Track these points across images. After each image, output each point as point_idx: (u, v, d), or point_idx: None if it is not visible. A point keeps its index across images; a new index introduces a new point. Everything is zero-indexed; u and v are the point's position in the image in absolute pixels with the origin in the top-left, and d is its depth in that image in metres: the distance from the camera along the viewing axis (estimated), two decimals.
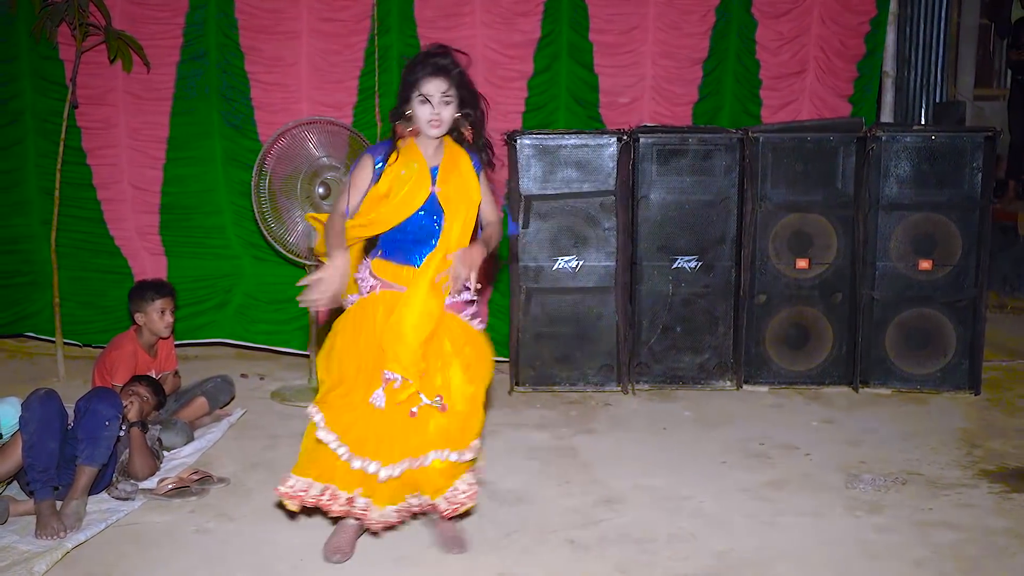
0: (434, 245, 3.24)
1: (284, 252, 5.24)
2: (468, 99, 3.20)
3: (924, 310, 5.35)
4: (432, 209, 3.23)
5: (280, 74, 5.67)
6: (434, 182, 3.21)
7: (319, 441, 3.18)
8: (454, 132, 3.26)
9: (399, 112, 3.20)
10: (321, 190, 5.13)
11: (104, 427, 3.62)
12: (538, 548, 3.42)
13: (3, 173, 5.75)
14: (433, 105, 3.12)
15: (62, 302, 5.55)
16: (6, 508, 3.50)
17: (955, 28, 6.93)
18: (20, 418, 3.59)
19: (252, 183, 5.09)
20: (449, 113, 3.15)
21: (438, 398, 3.15)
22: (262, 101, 5.68)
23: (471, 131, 3.27)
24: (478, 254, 3.25)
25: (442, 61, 3.14)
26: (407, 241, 3.25)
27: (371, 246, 3.39)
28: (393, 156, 3.20)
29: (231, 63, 5.64)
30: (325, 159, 5.13)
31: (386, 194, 3.18)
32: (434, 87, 3.11)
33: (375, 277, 3.27)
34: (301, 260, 5.22)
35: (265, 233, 5.19)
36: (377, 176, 3.21)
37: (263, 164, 5.07)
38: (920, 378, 5.39)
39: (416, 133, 3.21)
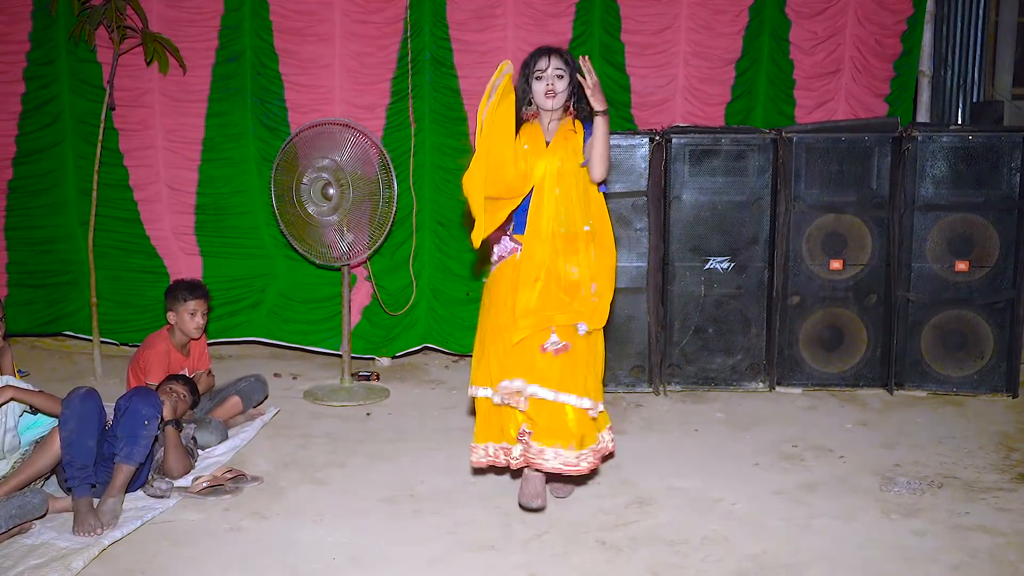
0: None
1: (300, 251, 5.39)
2: (575, 76, 3.55)
3: (961, 312, 5.29)
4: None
5: (313, 76, 5.71)
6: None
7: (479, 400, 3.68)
8: (572, 108, 3.63)
9: (522, 98, 3.61)
10: (332, 191, 5.17)
11: (143, 426, 3.66)
12: (569, 549, 3.41)
13: (42, 174, 5.84)
14: (545, 78, 3.54)
15: (99, 301, 5.63)
16: (45, 502, 3.55)
17: (993, 27, 6.83)
18: (61, 416, 3.64)
19: (271, 179, 5.27)
20: (563, 86, 3.56)
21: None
22: (295, 102, 5.72)
23: (573, 111, 3.64)
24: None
25: (551, 47, 3.62)
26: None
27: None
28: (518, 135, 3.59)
29: (265, 65, 5.69)
30: (318, 159, 5.18)
31: (513, 163, 3.53)
32: (545, 63, 3.55)
33: (514, 241, 3.70)
34: (311, 257, 5.34)
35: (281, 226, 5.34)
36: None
37: (279, 162, 5.24)
38: (956, 380, 5.33)
39: (536, 115, 3.66)
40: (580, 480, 3.90)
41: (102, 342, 5.69)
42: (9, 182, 5.83)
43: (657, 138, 5.26)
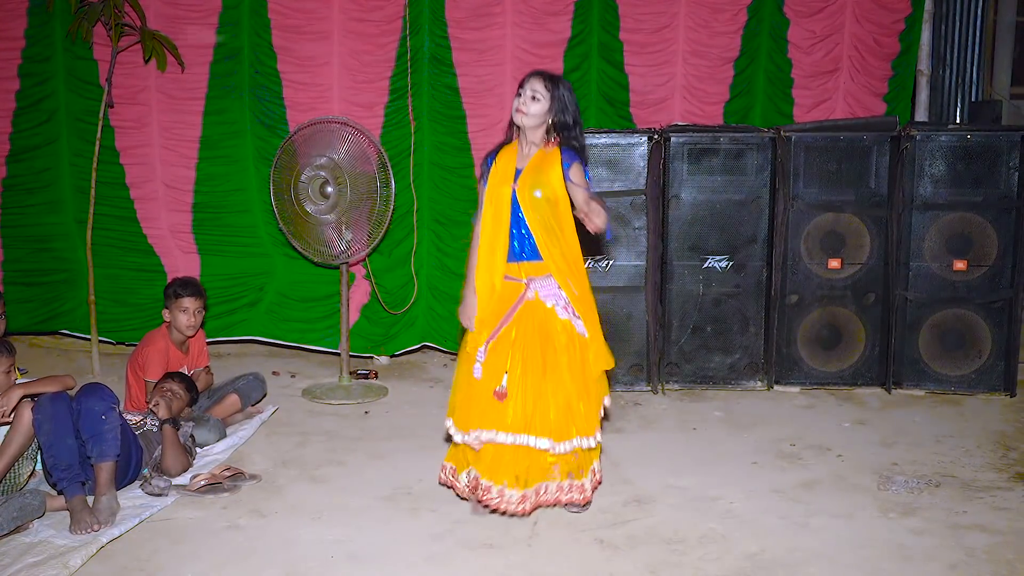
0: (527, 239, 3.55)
1: (300, 250, 5.41)
2: (562, 108, 3.49)
3: (959, 311, 5.29)
4: (516, 208, 3.53)
5: (312, 74, 5.70)
6: (516, 180, 3.52)
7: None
8: (553, 135, 3.54)
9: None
10: (330, 189, 5.16)
11: (102, 421, 3.64)
12: (567, 547, 3.41)
13: (37, 172, 5.82)
14: (523, 96, 3.46)
15: (96, 300, 5.62)
16: (43, 502, 3.55)
17: (991, 26, 6.84)
18: (34, 422, 3.60)
19: (270, 177, 5.29)
20: (537, 109, 3.46)
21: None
22: (294, 100, 5.71)
23: (558, 137, 3.54)
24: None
25: (544, 71, 3.54)
26: (512, 239, 3.56)
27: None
28: (501, 154, 3.58)
29: (264, 63, 5.68)
30: (316, 157, 5.18)
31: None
32: (529, 84, 3.48)
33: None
34: (313, 257, 5.34)
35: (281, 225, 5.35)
36: (487, 172, 3.59)
37: (278, 160, 5.25)
38: (954, 380, 5.33)
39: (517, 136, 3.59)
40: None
41: (99, 340, 5.68)
42: (3, 180, 5.81)
43: (656, 137, 5.26)
